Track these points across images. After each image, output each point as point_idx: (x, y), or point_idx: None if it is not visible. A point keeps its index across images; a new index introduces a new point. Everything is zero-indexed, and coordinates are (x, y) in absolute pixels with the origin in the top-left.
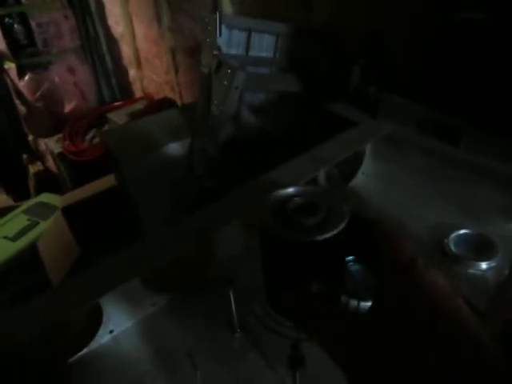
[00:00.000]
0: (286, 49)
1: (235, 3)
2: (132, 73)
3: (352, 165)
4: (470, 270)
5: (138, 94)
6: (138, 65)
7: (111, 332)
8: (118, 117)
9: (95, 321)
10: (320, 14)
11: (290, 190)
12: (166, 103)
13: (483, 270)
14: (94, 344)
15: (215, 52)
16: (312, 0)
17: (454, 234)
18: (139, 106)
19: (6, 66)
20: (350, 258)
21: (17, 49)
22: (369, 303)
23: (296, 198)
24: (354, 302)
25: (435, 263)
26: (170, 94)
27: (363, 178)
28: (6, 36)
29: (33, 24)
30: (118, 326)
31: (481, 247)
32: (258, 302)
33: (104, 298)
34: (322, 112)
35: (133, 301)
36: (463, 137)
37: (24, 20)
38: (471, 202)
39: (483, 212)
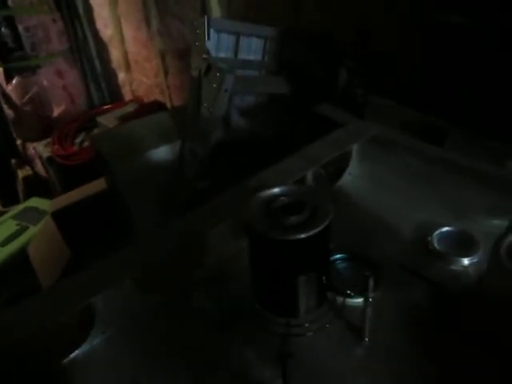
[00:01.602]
0: (274, 52)
1: (223, 6)
2: (121, 76)
3: (339, 165)
4: (453, 267)
5: (127, 97)
6: (128, 68)
7: (104, 333)
8: (108, 120)
9: (88, 322)
10: (309, 16)
11: (276, 189)
12: (156, 106)
13: (465, 266)
14: (87, 345)
15: (204, 55)
16: (300, 1)
17: (437, 232)
18: (129, 108)
19: None
20: (339, 255)
21: (4, 52)
22: (355, 299)
23: (282, 198)
24: (340, 299)
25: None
26: (159, 97)
27: (350, 179)
28: None
29: (20, 28)
30: (110, 326)
31: (463, 244)
32: (247, 299)
33: (96, 300)
34: (311, 114)
35: (124, 302)
36: (448, 138)
37: (11, 23)
38: (456, 201)
39: (467, 210)
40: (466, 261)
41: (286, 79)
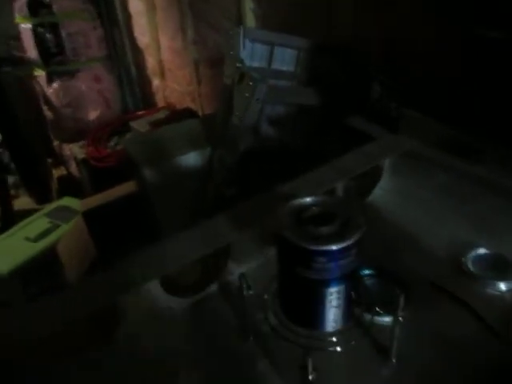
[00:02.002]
0: (307, 63)
1: (258, 16)
2: (155, 83)
3: (370, 179)
4: (489, 290)
5: (160, 103)
6: (162, 75)
7: (127, 332)
8: (140, 125)
9: (112, 321)
10: (341, 28)
11: (308, 199)
12: (187, 113)
13: (501, 291)
14: (112, 344)
15: (238, 64)
16: (332, 14)
17: (472, 253)
18: (161, 115)
19: (36, 73)
20: (367, 271)
21: (47, 57)
22: (384, 318)
23: (313, 208)
24: (367, 316)
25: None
26: (191, 105)
27: (381, 193)
28: (37, 44)
29: (63, 33)
30: (134, 327)
31: (499, 267)
32: (272, 309)
33: (122, 299)
34: (341, 126)
35: (150, 302)
36: (485, 155)
37: (55, 29)
38: (489, 222)
39: (501, 231)
40: (502, 285)
41: (318, 91)
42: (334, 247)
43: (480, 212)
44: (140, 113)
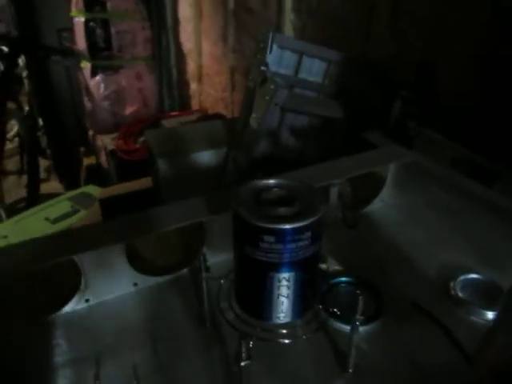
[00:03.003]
0: (335, 76)
1: (297, 29)
2: (193, 87)
3: (370, 189)
4: (473, 317)
5: (195, 107)
6: (200, 80)
7: (87, 301)
8: (171, 124)
9: (73, 286)
10: (377, 44)
11: (271, 181)
12: (217, 118)
13: (487, 320)
14: (68, 308)
15: (262, 68)
16: (370, 30)
17: (462, 277)
18: (192, 117)
19: (82, 65)
20: (344, 278)
21: (94, 50)
22: (345, 326)
23: (275, 189)
24: (332, 321)
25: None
26: (223, 111)
27: (381, 205)
28: (87, 38)
29: (112, 30)
30: (95, 297)
31: (490, 295)
32: (225, 295)
33: (85, 266)
34: (360, 141)
35: (115, 277)
36: (500, 180)
37: (105, 26)
38: (490, 248)
39: (501, 259)
40: (489, 314)
41: (342, 104)
42: (282, 226)
43: (482, 237)
44: (173, 113)
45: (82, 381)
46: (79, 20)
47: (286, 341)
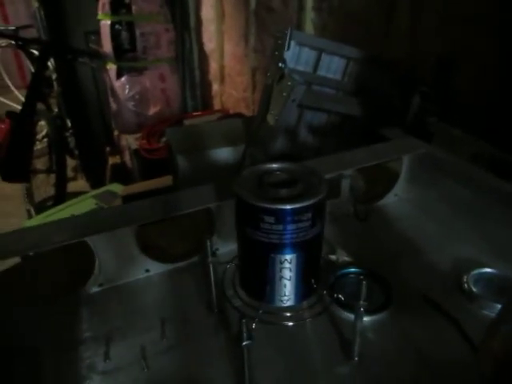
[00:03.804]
0: (356, 73)
1: (318, 28)
2: (215, 87)
3: (384, 184)
4: (485, 311)
5: (217, 107)
6: (222, 80)
7: (101, 285)
8: (194, 123)
9: (88, 270)
10: (397, 42)
11: (274, 165)
12: (238, 117)
13: None
14: (82, 291)
15: (280, 64)
16: (390, 27)
17: (475, 271)
18: (214, 117)
19: (108, 67)
20: (353, 269)
21: (120, 52)
22: (351, 315)
23: (278, 173)
24: (337, 309)
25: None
26: (244, 111)
27: (394, 200)
28: (113, 40)
29: (137, 32)
30: (108, 281)
31: (503, 289)
32: (230, 279)
33: (99, 251)
34: (379, 137)
35: (128, 263)
36: None
37: (130, 28)
38: (505, 242)
39: None
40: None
41: (361, 102)
42: (282, 206)
43: (497, 231)
44: (195, 113)
45: (92, 358)
46: (105, 23)
47: (290, 323)
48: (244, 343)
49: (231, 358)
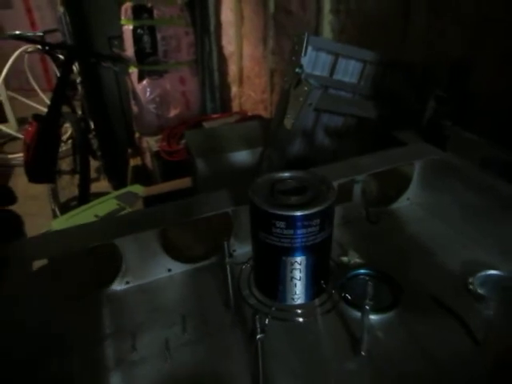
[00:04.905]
0: (371, 77)
1: (335, 31)
2: (234, 89)
3: (397, 188)
4: (490, 312)
5: (236, 109)
6: (240, 82)
7: (127, 283)
8: (211, 126)
9: (116, 269)
10: (414, 45)
11: (286, 173)
12: (256, 119)
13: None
14: (111, 288)
15: (297, 69)
16: (408, 30)
17: (482, 273)
18: (232, 119)
19: (130, 70)
20: (363, 270)
21: (141, 56)
22: (356, 313)
23: (289, 181)
24: (346, 308)
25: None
26: (263, 113)
27: (407, 204)
28: (135, 44)
29: (158, 36)
30: (134, 279)
31: (509, 291)
32: (246, 279)
33: (126, 251)
34: (393, 140)
35: (152, 263)
36: None
37: (152, 32)
38: None
39: None
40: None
41: (378, 105)
42: (292, 213)
43: (507, 236)
44: (214, 115)
45: (120, 350)
46: (128, 28)
47: (301, 319)
48: (258, 336)
49: (247, 351)
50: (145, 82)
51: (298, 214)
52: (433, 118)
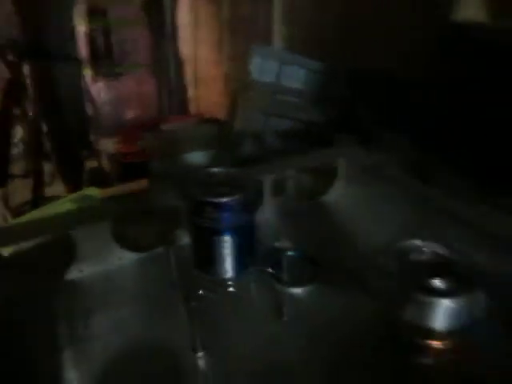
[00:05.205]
0: (316, 83)
1: (285, 38)
2: (191, 92)
3: (326, 181)
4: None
5: (193, 111)
6: (197, 85)
7: (81, 271)
8: (169, 128)
9: (69, 257)
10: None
11: (217, 169)
12: (213, 122)
13: None
14: (66, 276)
15: (247, 77)
16: (348, 41)
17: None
18: (190, 121)
19: (84, 72)
20: (291, 253)
21: (96, 58)
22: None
23: (218, 175)
24: (271, 280)
25: None
26: (219, 115)
27: (334, 195)
28: (89, 46)
29: (114, 38)
30: (88, 267)
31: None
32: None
33: (80, 242)
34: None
35: (104, 252)
36: (435, 176)
37: (107, 34)
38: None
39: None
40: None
41: (320, 109)
42: (219, 200)
43: (413, 217)
44: (172, 118)
45: (75, 329)
46: (82, 28)
47: (231, 289)
48: (192, 304)
49: (189, 321)
50: (100, 83)
51: (224, 200)
52: (364, 122)
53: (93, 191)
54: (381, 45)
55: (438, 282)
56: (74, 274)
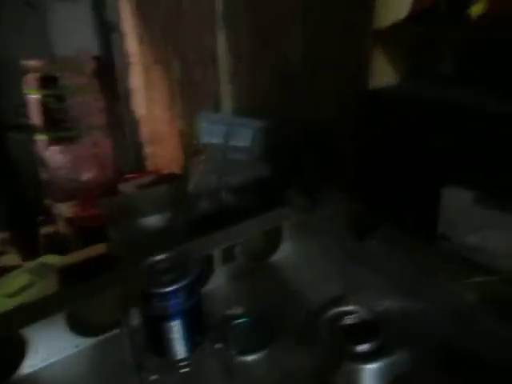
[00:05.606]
0: (261, 140)
1: (233, 97)
2: (147, 150)
3: (273, 243)
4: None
5: (150, 168)
6: (153, 143)
7: (35, 366)
8: (128, 188)
9: (20, 352)
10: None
11: (160, 256)
12: (170, 178)
13: None
14: (18, 374)
15: (196, 141)
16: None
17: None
18: (147, 179)
19: (37, 138)
20: (243, 319)
21: (50, 123)
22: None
23: (163, 262)
24: (224, 352)
25: None
26: (176, 171)
27: (281, 256)
28: (43, 112)
29: (68, 103)
30: (42, 361)
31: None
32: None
33: (31, 337)
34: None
35: (58, 342)
36: (376, 233)
37: (61, 100)
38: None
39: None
40: None
41: (270, 165)
42: (163, 290)
43: (355, 273)
44: (129, 176)
45: None
46: (33, 96)
47: (185, 369)
48: None
49: None
50: (54, 148)
51: (169, 289)
52: (308, 175)
53: (50, 259)
54: (315, 97)
55: (363, 347)
56: (27, 369)
